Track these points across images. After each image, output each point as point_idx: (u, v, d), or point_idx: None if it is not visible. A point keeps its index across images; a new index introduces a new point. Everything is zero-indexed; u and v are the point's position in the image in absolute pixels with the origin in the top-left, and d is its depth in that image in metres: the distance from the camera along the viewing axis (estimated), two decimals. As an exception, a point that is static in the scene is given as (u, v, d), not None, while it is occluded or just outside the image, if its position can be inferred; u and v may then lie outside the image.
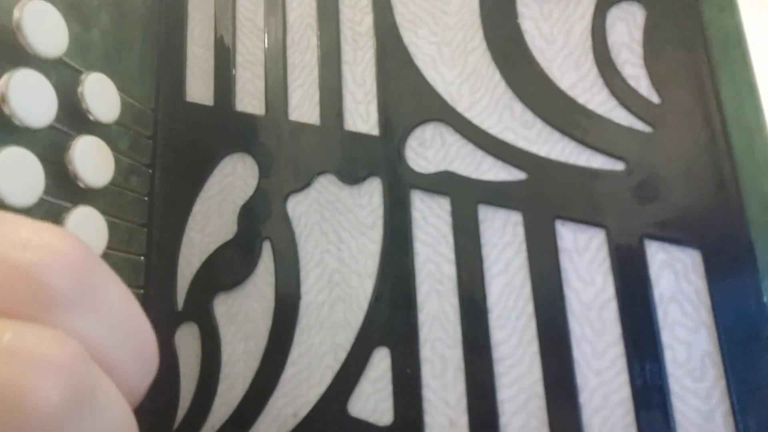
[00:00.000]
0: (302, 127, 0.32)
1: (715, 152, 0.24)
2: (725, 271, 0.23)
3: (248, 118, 0.34)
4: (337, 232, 0.30)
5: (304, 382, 0.29)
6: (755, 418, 0.22)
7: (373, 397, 0.28)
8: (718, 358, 0.23)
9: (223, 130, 0.34)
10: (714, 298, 0.23)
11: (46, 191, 0.27)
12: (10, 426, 0.11)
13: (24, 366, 0.11)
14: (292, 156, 0.32)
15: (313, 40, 0.33)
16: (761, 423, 0.22)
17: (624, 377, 0.24)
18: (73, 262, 0.13)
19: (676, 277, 0.24)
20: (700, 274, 0.24)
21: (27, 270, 0.12)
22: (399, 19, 0.32)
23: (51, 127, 0.28)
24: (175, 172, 0.35)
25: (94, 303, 0.14)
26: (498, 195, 0.27)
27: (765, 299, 0.22)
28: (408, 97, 0.30)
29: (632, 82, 0.26)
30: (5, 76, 0.25)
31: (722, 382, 0.23)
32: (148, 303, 0.33)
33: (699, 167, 0.24)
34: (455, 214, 0.28)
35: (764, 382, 0.22)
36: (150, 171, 0.35)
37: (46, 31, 0.27)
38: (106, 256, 0.30)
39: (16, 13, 0.26)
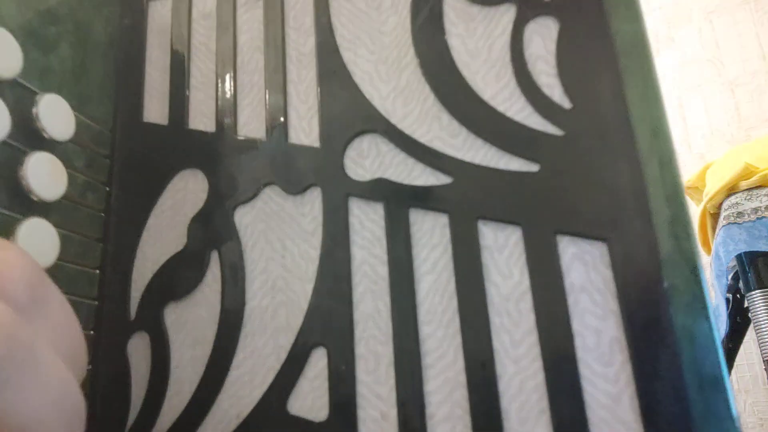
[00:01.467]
0: (250, 142, 0.34)
1: (621, 151, 0.26)
2: (630, 262, 0.25)
3: (200, 136, 0.36)
4: (281, 240, 0.32)
5: (247, 384, 0.30)
6: (660, 400, 0.23)
7: (311, 394, 0.29)
8: (624, 344, 0.24)
9: (176, 147, 0.36)
10: (620, 286, 0.25)
11: (-1, 203, 0.29)
12: None
13: None
14: (240, 169, 0.34)
15: (261, 62, 0.35)
16: (665, 404, 0.23)
17: (539, 364, 0.25)
18: (27, 275, 0.15)
19: (586, 268, 0.25)
20: (607, 264, 0.25)
21: None
22: (340, 40, 0.34)
23: (5, 144, 0.30)
24: (131, 190, 0.36)
25: (42, 312, 0.15)
26: (427, 199, 0.29)
27: (665, 285, 0.24)
28: (347, 111, 0.32)
29: (547, 90, 0.28)
30: (-41, 95, 0.27)
31: (629, 367, 0.24)
32: (102, 314, 0.34)
33: (606, 166, 0.26)
34: (388, 218, 0.30)
35: (666, 364, 0.23)
36: (107, 188, 0.36)
37: (0, 53, 0.29)
38: (59, 268, 0.32)
39: (-30, 37, 0.28)
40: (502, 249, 0.27)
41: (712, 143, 1.58)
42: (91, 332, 0.34)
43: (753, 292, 0.99)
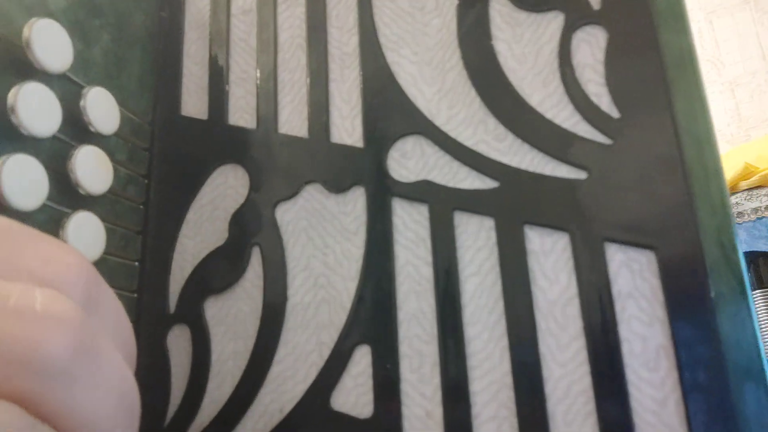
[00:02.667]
0: (291, 140, 0.34)
1: (669, 161, 0.27)
2: (677, 270, 0.25)
3: (240, 132, 0.36)
4: (323, 237, 0.32)
5: (289, 379, 0.31)
6: (704, 405, 0.24)
7: (355, 391, 0.29)
8: (671, 350, 0.25)
9: (216, 142, 0.36)
10: (667, 294, 0.25)
11: (49, 197, 0.29)
12: (24, 376, 0.13)
13: (33, 322, 0.13)
14: (281, 167, 0.34)
15: (303, 60, 0.36)
16: (709, 409, 0.24)
17: (585, 368, 0.26)
18: (83, 276, 0.15)
19: (633, 275, 0.26)
20: (654, 272, 0.26)
21: (47, 281, 0.14)
22: (383, 40, 0.34)
23: (54, 138, 0.30)
24: (170, 182, 0.37)
25: (97, 311, 0.16)
26: (472, 202, 0.29)
27: (712, 294, 0.24)
28: (391, 112, 0.33)
29: (595, 99, 0.29)
30: (14, 89, 0.27)
31: (675, 373, 0.25)
32: (141, 306, 0.35)
33: (654, 175, 0.27)
34: (433, 220, 0.30)
35: (712, 372, 0.24)
36: (146, 181, 0.37)
37: (53, 48, 0.29)
38: (103, 261, 0.32)
39: (25, 31, 0.28)
40: (549, 254, 0.28)
41: (713, 143, 1.58)
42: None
43: (753, 292, 1.00)
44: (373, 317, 0.30)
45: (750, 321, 0.24)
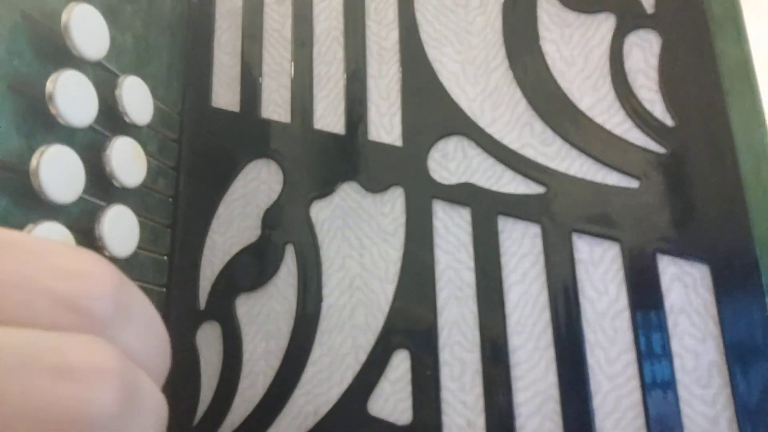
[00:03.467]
0: (327, 136, 0.34)
1: (725, 174, 0.26)
2: (732, 286, 0.25)
3: (274, 126, 0.35)
4: (359, 238, 0.32)
5: (324, 382, 0.30)
6: (758, 424, 0.23)
7: (393, 397, 0.29)
8: (723, 367, 0.24)
9: (248, 135, 0.35)
10: (721, 310, 0.25)
11: (84, 189, 0.28)
12: None
13: (78, 381, 0.12)
14: (317, 163, 0.33)
15: (340, 53, 0.35)
16: (763, 429, 0.23)
17: (635, 383, 0.25)
18: (109, 285, 0.14)
19: (686, 289, 0.25)
20: (708, 287, 0.25)
21: (70, 299, 0.13)
22: (424, 37, 0.33)
23: (89, 128, 0.29)
24: (199, 175, 0.36)
25: (127, 317, 0.15)
26: (517, 207, 0.29)
27: (767, 313, 0.24)
28: (432, 111, 0.32)
29: (648, 106, 0.28)
30: (52, 76, 0.26)
31: (727, 390, 0.24)
32: (170, 301, 0.34)
33: (709, 187, 0.26)
34: (475, 224, 0.29)
35: (765, 390, 0.24)
36: (175, 173, 0.36)
37: (91, 34, 0.28)
38: (134, 255, 0.31)
39: (63, 16, 0.27)
40: (598, 264, 0.27)
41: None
42: (159, 319, 0.34)
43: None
44: (411, 322, 0.29)
45: (805, 340, 0.24)
